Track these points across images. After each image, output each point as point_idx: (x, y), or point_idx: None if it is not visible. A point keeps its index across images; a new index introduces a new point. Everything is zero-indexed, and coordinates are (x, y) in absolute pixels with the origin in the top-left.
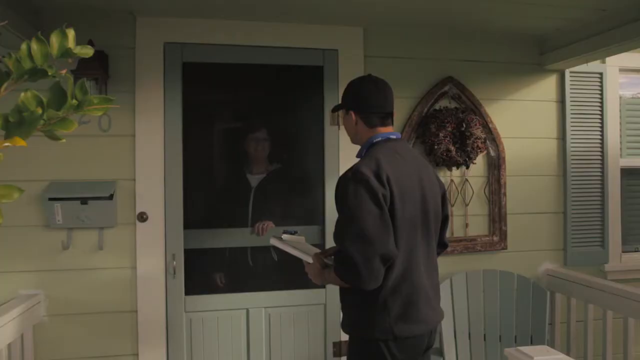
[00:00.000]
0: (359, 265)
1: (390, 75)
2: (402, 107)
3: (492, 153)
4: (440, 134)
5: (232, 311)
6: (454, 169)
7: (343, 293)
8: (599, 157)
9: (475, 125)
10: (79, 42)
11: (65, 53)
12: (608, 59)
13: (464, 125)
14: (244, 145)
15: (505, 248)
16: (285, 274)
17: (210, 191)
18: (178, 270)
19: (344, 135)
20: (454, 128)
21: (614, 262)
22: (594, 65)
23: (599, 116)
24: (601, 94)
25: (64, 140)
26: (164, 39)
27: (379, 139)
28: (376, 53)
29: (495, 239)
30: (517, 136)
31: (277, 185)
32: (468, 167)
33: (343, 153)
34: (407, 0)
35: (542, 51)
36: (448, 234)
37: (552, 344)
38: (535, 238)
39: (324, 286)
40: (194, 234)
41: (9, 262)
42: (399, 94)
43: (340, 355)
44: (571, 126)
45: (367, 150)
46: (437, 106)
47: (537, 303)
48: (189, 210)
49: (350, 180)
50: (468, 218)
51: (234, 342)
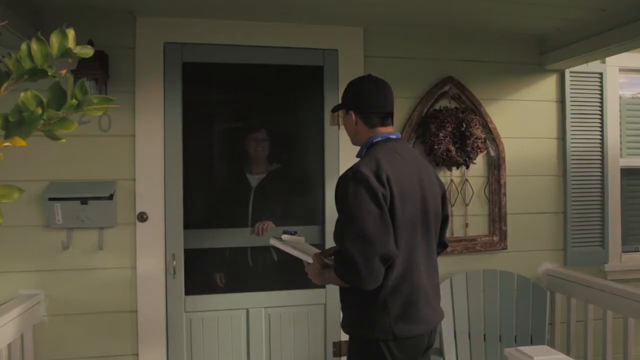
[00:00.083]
0: (359, 265)
1: (390, 75)
2: (402, 107)
3: (492, 153)
4: (440, 134)
5: (232, 311)
6: (454, 169)
7: (343, 293)
8: (599, 157)
9: (475, 125)
10: (79, 42)
11: (65, 53)
12: (608, 59)
13: (464, 125)
14: (244, 145)
15: (505, 248)
16: (285, 274)
17: (210, 191)
18: (178, 270)
19: (344, 135)
20: (454, 128)
21: (614, 262)
22: (594, 65)
23: (599, 116)
24: (601, 94)
25: (64, 140)
26: (164, 39)
27: (379, 139)
28: (376, 53)
29: (495, 239)
30: (517, 136)
31: (277, 185)
32: (468, 167)
33: (343, 153)
34: (407, 0)
35: (542, 51)
36: (448, 234)
37: (552, 344)
38: (535, 238)
39: (324, 286)
40: (194, 234)
41: (9, 262)
42: (399, 94)
43: (340, 355)
44: (571, 126)
45: (367, 150)
46: (437, 106)
47: (537, 303)
48: (189, 210)
49: (350, 180)
50: (468, 218)
51: (234, 342)
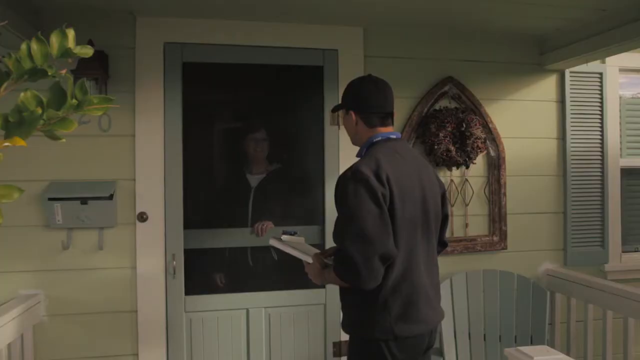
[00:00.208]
0: (359, 264)
1: (390, 75)
2: (402, 107)
3: (492, 153)
4: (440, 134)
5: (232, 311)
6: (454, 169)
7: (343, 293)
8: (599, 157)
9: (475, 125)
10: (79, 42)
11: (65, 53)
12: (608, 59)
13: (464, 125)
14: (244, 146)
15: (505, 248)
16: (285, 274)
17: (210, 191)
18: (178, 270)
19: (344, 135)
20: (454, 128)
21: (614, 262)
22: (594, 65)
23: (599, 116)
24: (601, 94)
25: (64, 140)
26: (164, 39)
27: (379, 138)
28: (376, 53)
29: (495, 239)
30: (517, 136)
31: (277, 185)
32: (468, 167)
33: (343, 153)
34: (407, 0)
35: (542, 51)
36: (448, 234)
37: (552, 344)
38: (535, 238)
39: (324, 286)
40: (194, 234)
41: (9, 262)
42: (399, 94)
43: (340, 355)
44: (571, 126)
45: (367, 149)
46: (437, 106)
47: (537, 303)
48: (189, 210)
49: (350, 179)
50: (468, 218)
51: (234, 342)
